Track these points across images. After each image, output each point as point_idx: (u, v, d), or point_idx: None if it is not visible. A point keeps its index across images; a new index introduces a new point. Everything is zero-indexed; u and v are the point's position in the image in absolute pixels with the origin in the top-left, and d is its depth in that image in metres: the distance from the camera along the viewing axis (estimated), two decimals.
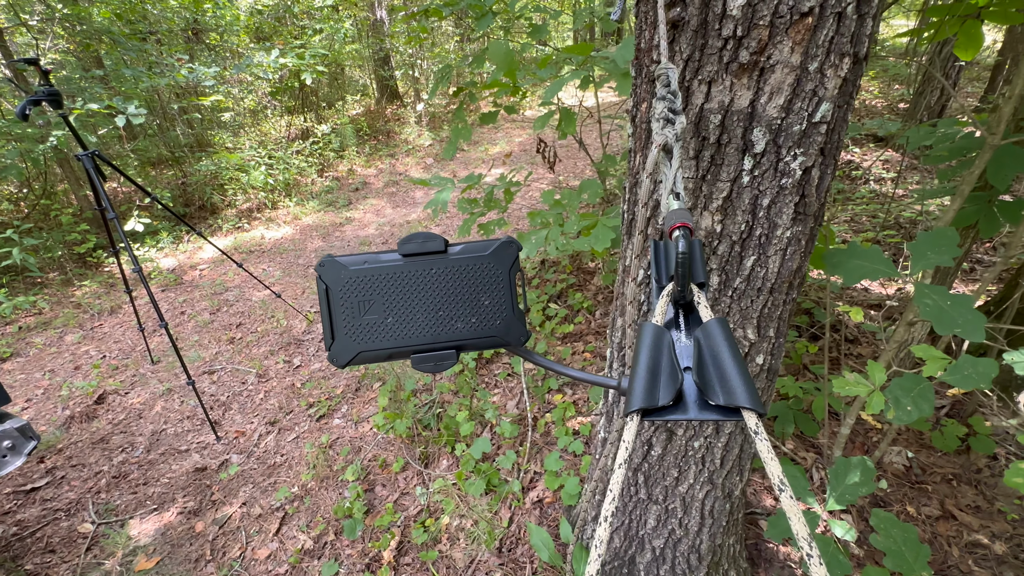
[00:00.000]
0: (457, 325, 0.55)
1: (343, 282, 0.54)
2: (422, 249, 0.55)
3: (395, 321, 0.54)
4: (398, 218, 5.94)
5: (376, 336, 0.54)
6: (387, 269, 0.54)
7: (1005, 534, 1.87)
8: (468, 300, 0.54)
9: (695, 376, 0.40)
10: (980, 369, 0.99)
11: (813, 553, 0.29)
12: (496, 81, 2.20)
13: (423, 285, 0.54)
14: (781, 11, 0.73)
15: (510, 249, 0.56)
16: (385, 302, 0.54)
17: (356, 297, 0.54)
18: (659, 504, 1.38)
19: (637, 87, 0.97)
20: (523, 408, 2.68)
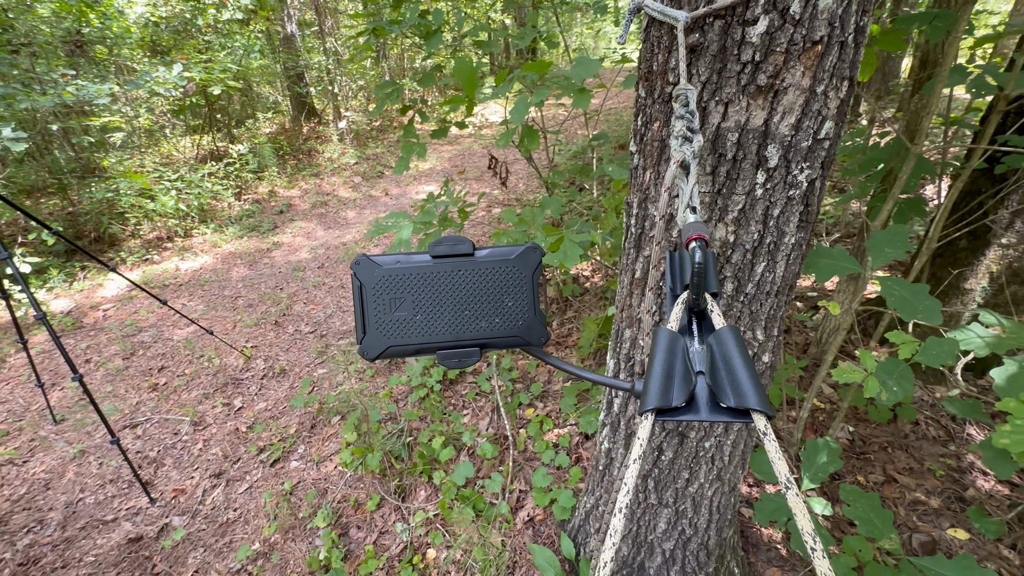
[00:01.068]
0: (481, 324, 0.57)
1: (376, 280, 0.56)
2: (451, 251, 0.57)
3: (423, 319, 0.56)
4: (331, 240, 5.66)
5: (405, 332, 0.56)
6: (418, 269, 0.56)
7: (937, 490, 2.15)
8: (493, 301, 0.57)
9: (708, 380, 0.42)
10: (945, 348, 1.14)
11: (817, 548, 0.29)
12: (457, 97, 2.19)
13: (451, 285, 0.56)
14: (796, 39, 0.80)
15: (534, 254, 0.59)
16: (415, 300, 0.56)
17: (388, 294, 0.56)
18: (670, 507, 1.42)
19: (647, 107, 1.01)
20: (498, 427, 2.64)
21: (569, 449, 2.40)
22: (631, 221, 1.16)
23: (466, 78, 2.17)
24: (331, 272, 4.89)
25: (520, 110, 2.04)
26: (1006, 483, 2.15)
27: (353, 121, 9.10)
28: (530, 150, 2.21)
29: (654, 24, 0.93)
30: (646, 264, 1.14)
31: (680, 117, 0.77)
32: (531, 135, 2.23)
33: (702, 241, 0.52)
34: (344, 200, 6.92)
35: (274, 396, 3.22)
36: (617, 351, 1.34)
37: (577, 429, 2.51)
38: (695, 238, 0.52)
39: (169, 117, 7.68)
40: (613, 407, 1.43)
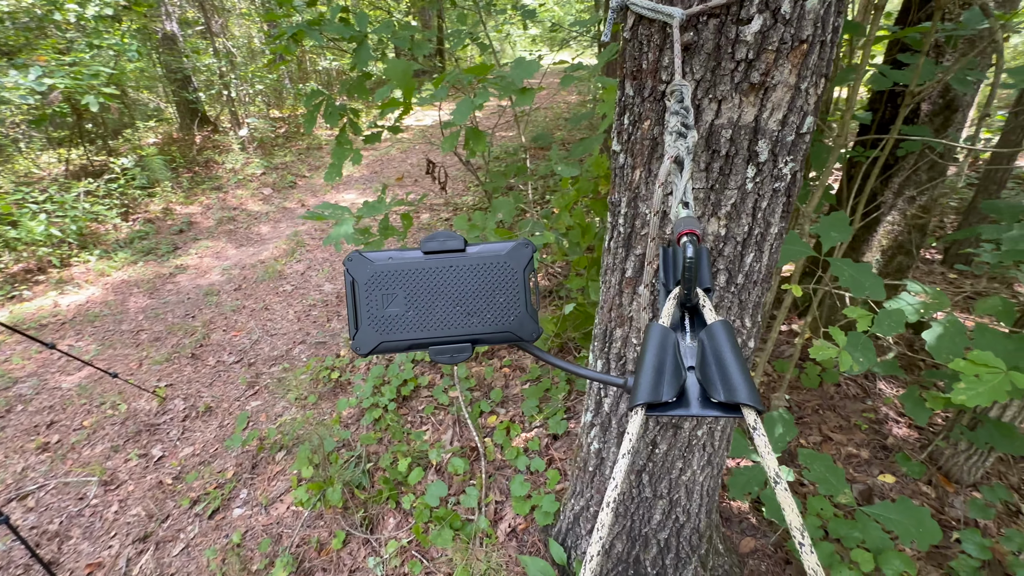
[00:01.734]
0: (473, 320, 0.57)
1: (368, 276, 0.56)
2: (443, 247, 0.57)
3: (415, 314, 0.56)
4: (246, 259, 5.17)
5: (397, 328, 0.56)
6: (410, 265, 0.57)
7: (864, 442, 2.42)
8: (484, 297, 0.57)
9: (698, 374, 0.42)
10: (894, 318, 1.27)
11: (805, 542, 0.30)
12: (394, 100, 2.08)
13: (443, 281, 0.57)
14: (785, 38, 0.83)
15: (526, 250, 0.59)
16: (407, 296, 0.56)
17: (380, 290, 0.56)
18: (664, 498, 1.44)
19: (635, 106, 1.01)
20: (464, 439, 2.56)
21: (540, 452, 2.39)
22: (619, 220, 1.16)
23: (401, 80, 2.07)
24: (251, 294, 4.46)
25: (463, 111, 1.98)
26: (915, 427, 2.48)
27: (256, 128, 8.40)
28: (476, 152, 2.16)
29: (642, 22, 0.93)
30: (638, 262, 1.14)
31: (675, 113, 0.77)
32: (477, 137, 2.17)
33: (693, 236, 0.52)
34: (255, 214, 6.36)
35: (202, 438, 2.87)
36: (606, 351, 1.34)
37: (545, 431, 2.50)
38: (686, 233, 0.52)
39: (24, 129, 6.57)
40: (603, 407, 1.43)
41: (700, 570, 1.59)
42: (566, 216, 2.25)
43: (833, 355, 1.23)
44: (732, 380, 0.38)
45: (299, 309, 4.14)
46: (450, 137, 2.15)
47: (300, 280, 4.63)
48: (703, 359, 0.43)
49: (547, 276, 3.74)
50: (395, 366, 3.05)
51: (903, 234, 3.00)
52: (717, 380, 0.39)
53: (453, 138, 2.14)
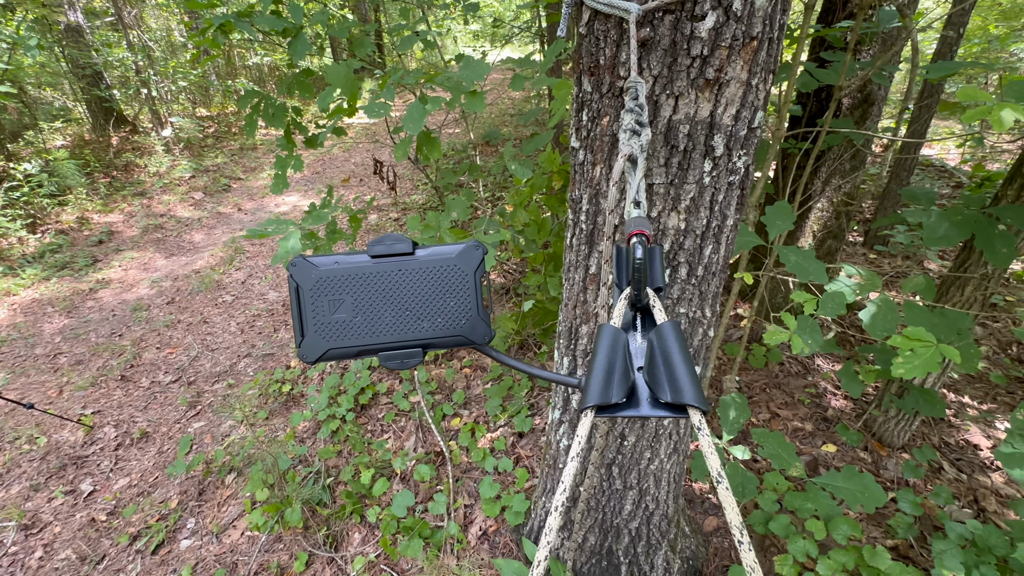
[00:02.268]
0: (423, 324, 0.56)
1: (313, 281, 0.54)
2: (390, 251, 0.56)
3: (363, 320, 0.55)
4: (178, 269, 4.80)
5: (345, 334, 0.55)
6: (356, 269, 0.55)
7: (807, 415, 2.58)
8: (434, 300, 0.56)
9: (646, 375, 0.43)
10: (836, 300, 1.35)
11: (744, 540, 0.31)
12: (340, 107, 1.98)
13: (391, 285, 0.56)
14: (737, 35, 0.85)
15: (476, 252, 0.58)
16: (354, 302, 0.55)
17: (326, 296, 0.55)
18: (634, 488, 1.47)
19: (593, 102, 1.01)
20: (428, 444, 2.50)
21: (507, 451, 2.37)
22: (581, 217, 1.15)
23: (344, 84, 1.98)
24: (186, 307, 4.15)
25: (416, 118, 1.92)
26: (851, 399, 2.68)
27: (181, 128, 7.81)
28: (431, 158, 2.10)
29: (598, 17, 0.92)
30: (601, 259, 1.14)
31: (630, 110, 0.77)
32: (431, 143, 2.11)
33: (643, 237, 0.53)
34: (185, 221, 5.92)
35: (139, 467, 2.64)
36: (572, 348, 1.34)
37: (511, 430, 2.49)
38: (635, 233, 0.53)
39: None
40: (571, 403, 1.43)
41: (670, 554, 1.64)
42: (522, 213, 2.24)
43: (785, 338, 1.30)
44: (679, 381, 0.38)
45: (242, 320, 3.90)
46: (402, 144, 2.07)
47: (241, 289, 4.36)
48: (652, 359, 0.43)
49: (503, 274, 3.73)
50: (351, 374, 2.93)
51: (831, 220, 3.23)
52: (664, 381, 0.40)
53: (405, 144, 2.07)
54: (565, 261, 1.30)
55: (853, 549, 1.58)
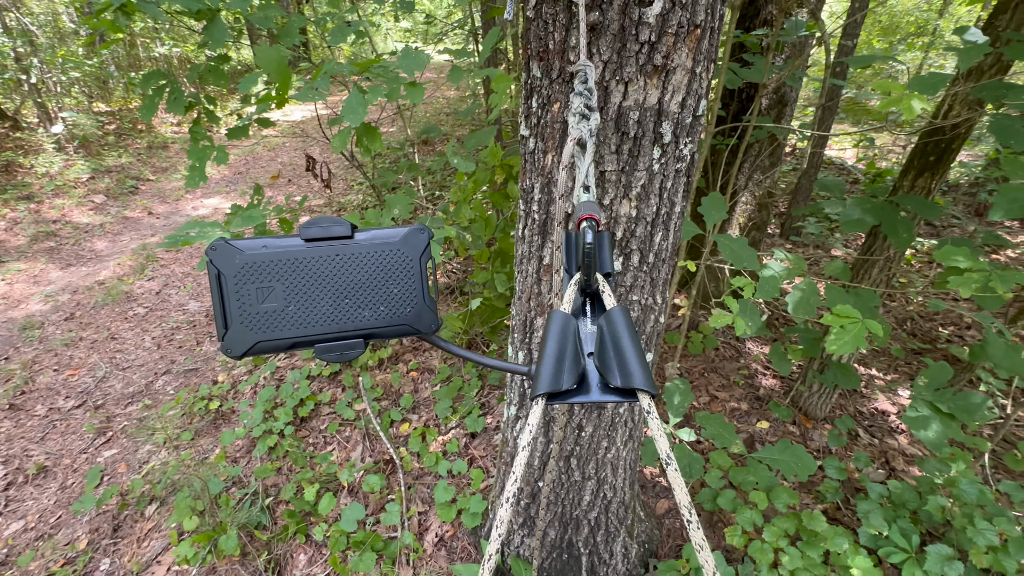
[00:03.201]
0: (364, 313, 0.53)
1: (238, 267, 0.50)
2: (326, 234, 0.52)
3: (296, 309, 0.51)
4: (78, 281, 4.28)
5: (276, 325, 0.51)
6: (287, 254, 0.51)
7: (742, 396, 2.75)
8: (376, 287, 0.53)
9: (596, 361, 0.43)
10: (771, 284, 1.43)
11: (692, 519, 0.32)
12: (269, 95, 1.84)
13: (327, 271, 0.52)
14: (682, 22, 0.87)
15: (421, 236, 0.55)
16: (286, 289, 0.51)
17: (253, 283, 0.50)
18: (592, 479, 1.47)
19: (543, 88, 0.99)
20: (376, 452, 2.39)
21: (460, 453, 2.32)
22: (533, 207, 1.13)
23: (276, 70, 1.84)
24: (89, 322, 3.70)
25: (356, 109, 1.82)
26: (780, 377, 2.88)
27: (75, 124, 6.98)
28: (372, 151, 2.00)
29: (547, 1, 0.90)
30: (555, 249, 1.13)
31: (579, 94, 0.77)
32: (371, 135, 2.01)
33: (593, 222, 0.52)
34: (84, 227, 5.30)
35: (36, 507, 2.31)
36: (527, 342, 1.32)
37: (463, 431, 2.43)
38: (585, 218, 0.52)
39: None
40: (527, 398, 1.41)
41: (627, 539, 1.67)
42: (466, 209, 2.19)
43: (729, 321, 1.36)
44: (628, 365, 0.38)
45: (158, 335, 3.54)
46: (341, 135, 1.95)
47: (155, 301, 3.96)
48: (601, 345, 0.43)
49: (446, 273, 3.65)
50: (288, 385, 2.74)
51: (755, 212, 3.46)
52: (614, 365, 0.39)
53: (344, 136, 1.95)
54: (517, 253, 1.28)
55: (793, 516, 1.69)
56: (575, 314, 0.51)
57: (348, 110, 1.85)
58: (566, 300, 0.51)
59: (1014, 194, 1.11)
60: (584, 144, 0.75)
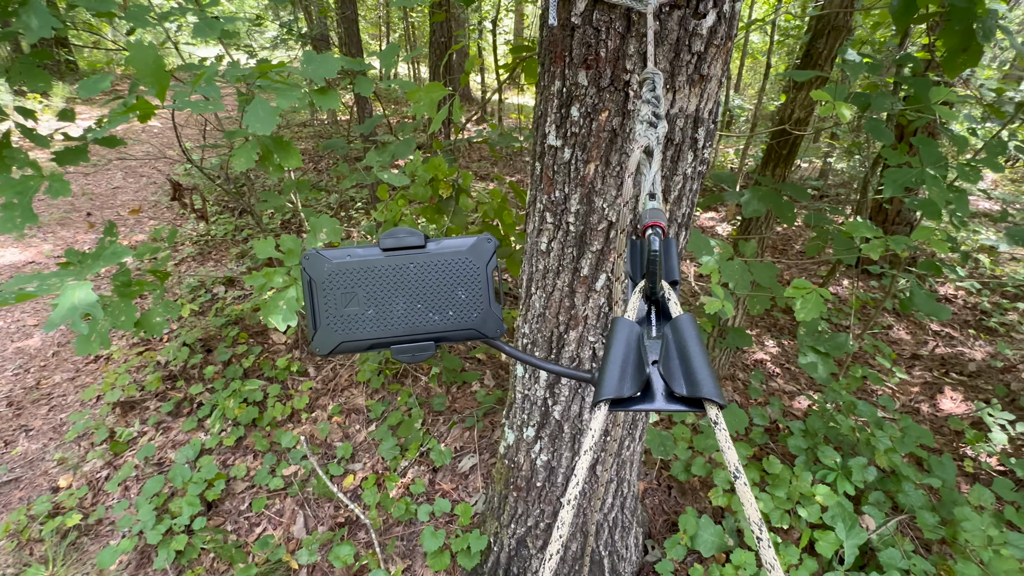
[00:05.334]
0: (435, 318, 0.57)
1: (326, 274, 0.55)
2: (401, 244, 0.56)
3: (375, 313, 0.56)
4: None
5: (357, 327, 0.56)
6: (368, 263, 0.56)
7: None
8: (446, 294, 0.57)
9: (661, 368, 0.43)
10: (734, 267, 1.62)
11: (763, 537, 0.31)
12: (143, 101, 1.43)
13: (403, 279, 0.56)
14: (723, 35, 0.92)
15: (488, 245, 0.59)
16: (366, 295, 0.56)
17: (338, 289, 0.55)
18: (615, 480, 1.49)
19: (588, 97, 0.96)
20: (326, 517, 2.05)
21: (431, 492, 2.13)
22: (568, 219, 1.09)
23: (151, 70, 1.44)
24: None
25: (264, 118, 1.52)
26: None
27: None
28: (285, 167, 1.68)
29: (599, 7, 0.88)
30: (594, 259, 1.11)
31: (647, 102, 0.78)
32: (284, 149, 1.69)
33: (659, 229, 0.52)
34: None
35: None
36: (555, 359, 1.27)
37: (426, 467, 2.23)
38: (651, 225, 0.52)
39: None
40: (552, 415, 1.36)
41: (638, 530, 1.73)
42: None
43: (720, 306, 1.51)
44: (696, 374, 0.38)
45: None
46: (243, 151, 1.60)
47: None
48: (667, 353, 0.43)
49: None
50: (181, 468, 2.19)
51: None
52: (680, 374, 0.39)
53: (248, 151, 1.61)
54: (535, 268, 1.22)
55: (754, 465, 1.95)
56: (639, 322, 0.50)
57: (253, 118, 1.54)
58: (631, 308, 0.51)
59: (895, 176, 1.46)
60: (651, 152, 0.75)
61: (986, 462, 2.42)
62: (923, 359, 3.40)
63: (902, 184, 1.48)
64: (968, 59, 1.84)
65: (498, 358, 2.98)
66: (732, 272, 1.82)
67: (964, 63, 1.85)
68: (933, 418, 2.77)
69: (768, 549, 0.31)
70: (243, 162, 1.59)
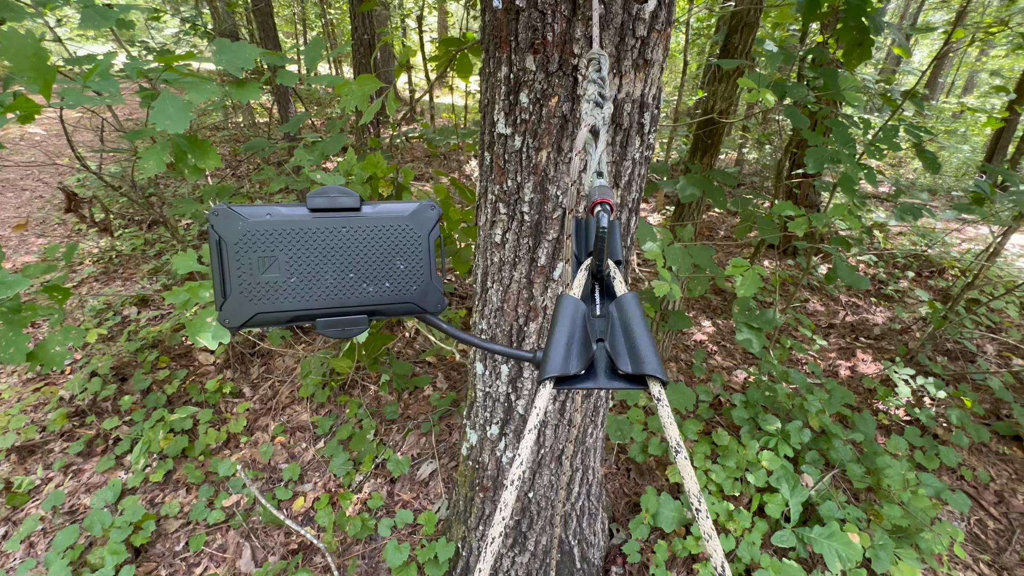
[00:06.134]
0: (369, 289, 0.53)
1: (240, 234, 0.48)
2: (333, 204, 0.52)
3: (299, 281, 0.50)
4: None
5: (277, 297, 0.50)
6: (292, 223, 0.50)
7: None
8: (382, 263, 0.53)
9: (607, 346, 0.44)
10: (676, 252, 1.69)
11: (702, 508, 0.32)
12: (23, 99, 1.23)
13: (332, 244, 0.51)
14: (664, 20, 0.94)
15: (431, 212, 0.55)
16: (289, 260, 0.50)
17: (255, 252, 0.49)
18: (580, 468, 1.50)
19: (537, 82, 0.94)
20: (276, 547, 1.90)
21: (390, 505, 2.03)
22: (522, 208, 1.07)
23: (31, 62, 1.25)
24: None
25: (176, 115, 1.38)
26: None
27: None
28: (204, 169, 1.52)
29: None
30: (551, 248, 1.10)
31: (593, 82, 0.78)
32: (200, 148, 1.53)
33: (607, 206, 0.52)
34: None
35: None
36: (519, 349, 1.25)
37: (383, 479, 2.13)
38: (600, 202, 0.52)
39: None
40: (515, 410, 1.34)
41: (603, 515, 1.75)
42: None
43: (668, 289, 1.56)
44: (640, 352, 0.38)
45: None
46: (153, 152, 1.43)
47: None
48: (612, 331, 0.43)
49: None
50: (100, 513, 1.94)
51: None
52: (625, 352, 0.39)
53: (158, 153, 1.44)
54: (490, 262, 1.19)
55: (705, 439, 2.04)
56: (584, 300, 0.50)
57: (161, 115, 1.39)
58: (576, 285, 0.51)
59: (816, 154, 1.59)
60: (597, 132, 0.76)
61: (895, 414, 2.70)
62: (836, 327, 3.75)
63: (822, 161, 1.62)
64: (863, 52, 2.03)
65: (451, 360, 2.92)
66: (675, 256, 1.89)
67: (860, 56, 2.04)
68: (850, 379, 3.06)
69: (706, 520, 0.31)
70: (153, 166, 1.43)
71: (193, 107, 1.39)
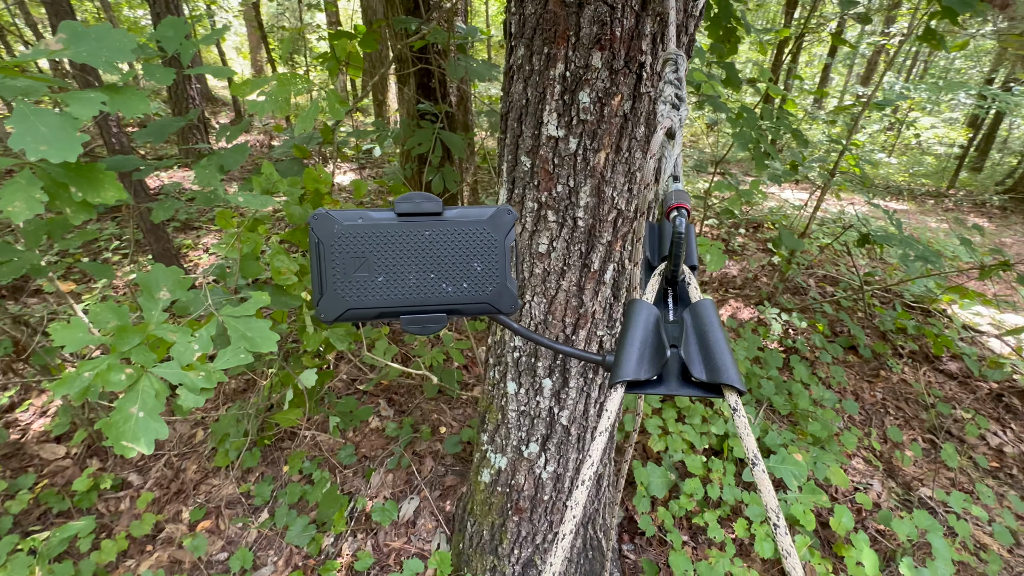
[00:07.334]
0: (448, 289, 0.55)
1: (335, 236, 0.53)
2: (417, 209, 0.55)
3: (385, 281, 0.54)
4: None
5: (366, 294, 0.54)
6: (380, 227, 0.54)
7: None
8: (460, 264, 0.55)
9: (681, 352, 0.42)
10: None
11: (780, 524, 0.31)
12: None
13: (416, 246, 0.54)
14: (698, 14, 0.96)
15: (508, 217, 0.57)
16: (377, 261, 0.54)
17: (347, 253, 0.53)
18: (608, 465, 1.50)
19: (599, 81, 0.89)
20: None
21: (383, 559, 1.79)
22: (576, 213, 1.01)
23: None
24: None
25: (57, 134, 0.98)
26: None
27: None
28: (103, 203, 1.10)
29: None
30: (605, 252, 1.06)
31: (670, 83, 0.80)
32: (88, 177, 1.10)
33: (684, 210, 0.52)
34: None
35: None
36: (563, 362, 1.19)
37: (364, 534, 1.87)
38: (676, 206, 0.52)
39: None
40: (559, 423, 1.28)
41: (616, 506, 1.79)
42: (284, 259, 1.57)
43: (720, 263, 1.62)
44: (716, 360, 0.38)
45: None
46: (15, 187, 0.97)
47: None
48: (687, 337, 0.42)
49: None
50: None
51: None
52: (699, 359, 0.39)
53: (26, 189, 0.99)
54: (533, 272, 1.11)
55: (668, 405, 2.22)
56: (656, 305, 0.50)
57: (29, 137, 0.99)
58: (649, 290, 0.50)
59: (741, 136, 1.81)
60: (673, 134, 0.77)
61: (775, 348, 3.29)
62: (708, 284, 4.38)
63: (747, 142, 1.86)
64: (731, 48, 2.36)
65: (388, 384, 2.66)
66: None
67: (729, 51, 2.36)
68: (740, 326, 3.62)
69: (785, 536, 0.30)
70: (22, 208, 0.99)
71: (83, 124, 1.00)
